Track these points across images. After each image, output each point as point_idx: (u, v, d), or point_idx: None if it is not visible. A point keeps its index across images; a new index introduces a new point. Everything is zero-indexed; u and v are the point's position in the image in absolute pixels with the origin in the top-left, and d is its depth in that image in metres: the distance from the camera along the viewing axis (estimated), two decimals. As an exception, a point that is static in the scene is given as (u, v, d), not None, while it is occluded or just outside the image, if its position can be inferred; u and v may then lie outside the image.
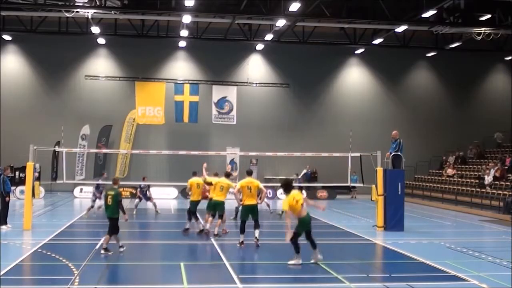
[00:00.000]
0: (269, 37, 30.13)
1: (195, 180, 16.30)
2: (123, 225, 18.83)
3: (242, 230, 13.71)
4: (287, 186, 11.99)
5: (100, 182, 20.92)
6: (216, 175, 17.01)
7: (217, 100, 32.33)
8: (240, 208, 14.56)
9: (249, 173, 14.44)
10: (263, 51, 33.59)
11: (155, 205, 21.92)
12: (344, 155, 20.91)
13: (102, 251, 12.54)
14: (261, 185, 14.38)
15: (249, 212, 13.86)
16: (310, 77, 34.09)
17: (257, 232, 13.69)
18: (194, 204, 16.11)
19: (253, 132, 32.98)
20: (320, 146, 29.45)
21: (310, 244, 11.78)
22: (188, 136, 31.62)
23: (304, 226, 11.68)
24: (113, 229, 12.65)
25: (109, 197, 12.73)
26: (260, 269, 11.70)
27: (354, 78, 35.34)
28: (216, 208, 15.26)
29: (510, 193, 22.76)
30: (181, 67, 33.78)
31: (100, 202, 20.65)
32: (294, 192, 11.85)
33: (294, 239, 11.52)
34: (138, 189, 22.72)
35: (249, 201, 13.79)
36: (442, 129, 34.83)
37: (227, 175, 15.88)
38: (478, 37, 27.41)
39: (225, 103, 32.38)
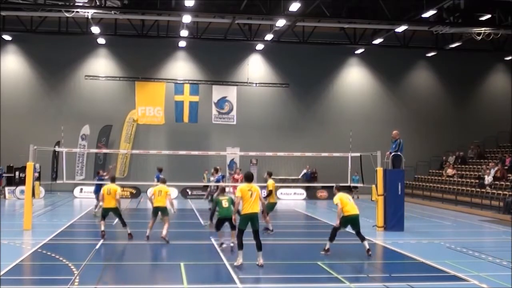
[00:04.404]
0: (269, 37, 30.13)
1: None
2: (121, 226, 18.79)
3: None
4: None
5: (101, 181, 20.72)
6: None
7: (217, 100, 32.34)
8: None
9: (163, 181, 15.13)
10: (263, 51, 33.60)
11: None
12: (344, 155, 20.91)
13: (231, 244, 13.32)
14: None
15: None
16: (310, 77, 34.10)
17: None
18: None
19: (253, 132, 32.98)
20: (320, 146, 29.49)
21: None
22: (188, 136, 31.64)
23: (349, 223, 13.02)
24: (234, 226, 13.10)
25: (224, 201, 13.35)
26: (260, 269, 11.69)
27: (354, 78, 35.35)
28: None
29: (510, 193, 22.76)
30: (181, 67, 33.80)
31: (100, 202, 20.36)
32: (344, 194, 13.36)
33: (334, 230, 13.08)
34: None
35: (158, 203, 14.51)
36: (442, 129, 34.87)
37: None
38: (478, 37, 27.42)
39: (225, 103, 32.39)
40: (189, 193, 29.86)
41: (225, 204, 13.41)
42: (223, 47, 32.41)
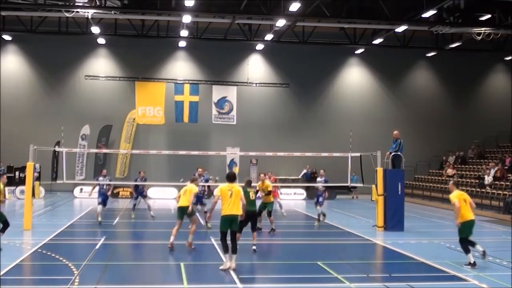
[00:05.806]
0: (269, 37, 30.12)
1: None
2: (122, 226, 18.84)
3: None
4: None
5: (101, 181, 19.90)
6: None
7: (217, 100, 32.33)
8: None
9: (192, 180, 14.20)
10: (263, 51, 33.59)
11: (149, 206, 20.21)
12: (344, 155, 20.91)
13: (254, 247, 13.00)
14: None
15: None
16: (310, 77, 34.09)
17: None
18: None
19: (253, 132, 32.98)
20: (320, 146, 29.48)
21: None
22: (188, 136, 31.63)
23: (468, 229, 12.20)
24: (255, 225, 13.23)
25: (251, 193, 13.12)
26: (260, 269, 11.69)
27: (354, 78, 35.34)
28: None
29: (510, 193, 22.76)
30: (181, 67, 33.79)
31: (100, 207, 19.70)
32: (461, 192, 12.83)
33: (463, 243, 12.09)
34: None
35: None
36: (442, 129, 34.86)
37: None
38: (478, 37, 27.42)
39: (225, 103, 32.38)
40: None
41: (252, 196, 13.04)
42: (223, 47, 32.40)
